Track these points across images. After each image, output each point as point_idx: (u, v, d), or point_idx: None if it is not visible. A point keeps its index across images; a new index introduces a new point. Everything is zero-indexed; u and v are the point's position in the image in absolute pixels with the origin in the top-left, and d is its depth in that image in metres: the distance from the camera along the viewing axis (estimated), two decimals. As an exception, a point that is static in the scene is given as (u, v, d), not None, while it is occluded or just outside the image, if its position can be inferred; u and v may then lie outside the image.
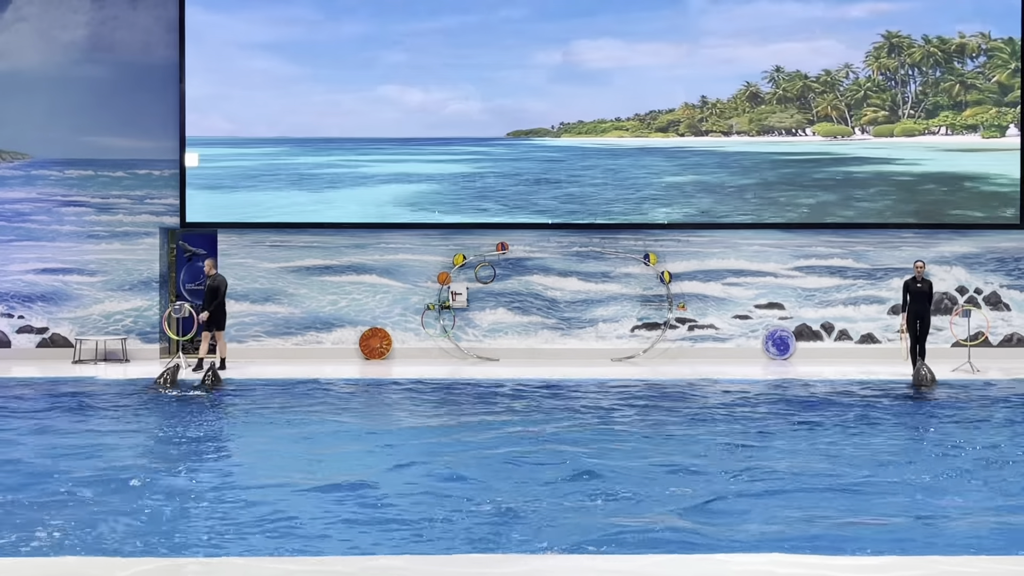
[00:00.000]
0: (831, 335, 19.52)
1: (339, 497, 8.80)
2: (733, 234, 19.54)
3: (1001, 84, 19.37)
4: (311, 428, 12.13)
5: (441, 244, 19.63)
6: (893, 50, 19.46)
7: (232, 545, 7.50)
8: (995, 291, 19.50)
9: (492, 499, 8.70)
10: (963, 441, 11.32)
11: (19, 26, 19.47)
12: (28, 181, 19.59)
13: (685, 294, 19.51)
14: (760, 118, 19.55)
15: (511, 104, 19.66)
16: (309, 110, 19.72)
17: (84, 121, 19.48)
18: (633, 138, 19.63)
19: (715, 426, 12.23)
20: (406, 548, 7.43)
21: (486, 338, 19.57)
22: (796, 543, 7.50)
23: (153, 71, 19.46)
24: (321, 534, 7.77)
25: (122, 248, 19.58)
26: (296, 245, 19.70)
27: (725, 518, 8.17)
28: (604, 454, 10.53)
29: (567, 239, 19.65)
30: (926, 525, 8.02)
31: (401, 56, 19.57)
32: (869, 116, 19.52)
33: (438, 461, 10.22)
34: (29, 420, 12.65)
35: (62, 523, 7.98)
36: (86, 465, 10.05)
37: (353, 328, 19.59)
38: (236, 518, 8.17)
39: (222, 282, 17.25)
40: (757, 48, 19.48)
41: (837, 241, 19.59)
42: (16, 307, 19.42)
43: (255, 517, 8.17)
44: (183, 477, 9.57)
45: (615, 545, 7.45)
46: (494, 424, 12.29)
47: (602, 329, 19.55)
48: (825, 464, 10.12)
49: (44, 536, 7.65)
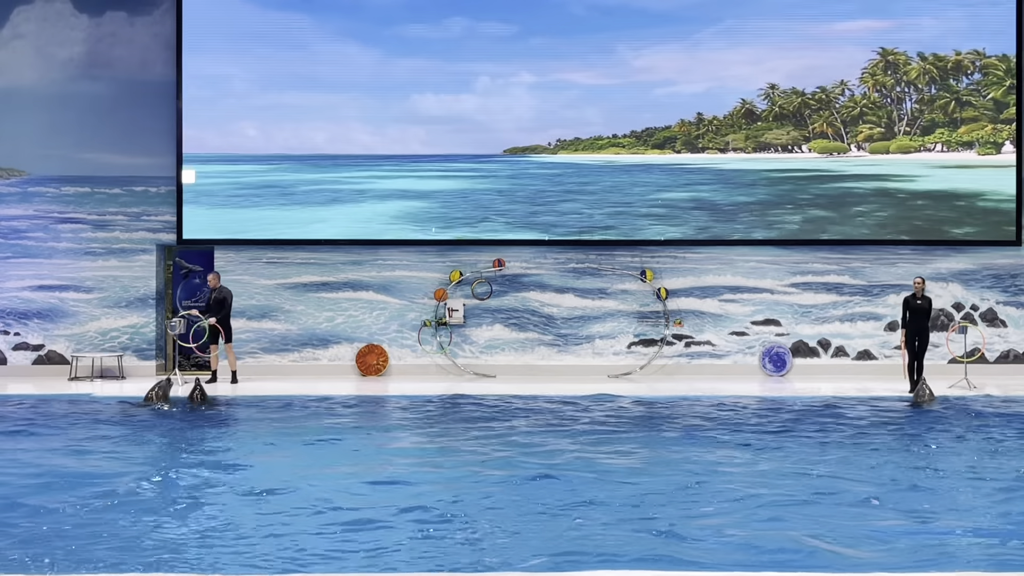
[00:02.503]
0: (828, 351, 19.50)
1: (319, 516, 8.72)
2: (729, 250, 19.55)
3: (996, 101, 19.42)
4: (292, 447, 11.99)
5: (438, 260, 19.63)
6: (889, 67, 19.51)
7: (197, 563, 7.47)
8: (991, 308, 19.50)
9: (465, 518, 8.64)
10: (971, 460, 11.30)
11: (16, 43, 19.52)
12: (25, 198, 19.60)
13: (682, 310, 19.51)
14: (756, 135, 19.58)
15: (508, 121, 19.70)
16: (306, 127, 19.75)
17: (81, 138, 19.51)
18: (630, 155, 19.66)
19: (705, 442, 12.20)
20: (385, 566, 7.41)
21: (483, 354, 19.55)
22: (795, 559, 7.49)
23: (150, 88, 19.50)
24: (290, 556, 7.68)
25: (119, 265, 19.58)
26: (293, 262, 19.70)
27: (712, 539, 8.15)
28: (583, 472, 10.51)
29: (564, 255, 19.66)
30: (925, 545, 8.00)
31: (398, 73, 19.59)
32: (865, 133, 19.55)
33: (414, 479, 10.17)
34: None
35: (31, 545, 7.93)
36: (54, 483, 9.97)
37: (350, 345, 19.57)
38: (206, 537, 8.12)
39: (228, 294, 17.35)
40: (753, 65, 19.53)
41: (833, 257, 19.60)
42: (12, 324, 19.40)
43: (221, 536, 8.12)
44: (151, 492, 9.53)
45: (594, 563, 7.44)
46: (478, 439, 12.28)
47: (599, 345, 19.54)
48: (823, 482, 10.10)
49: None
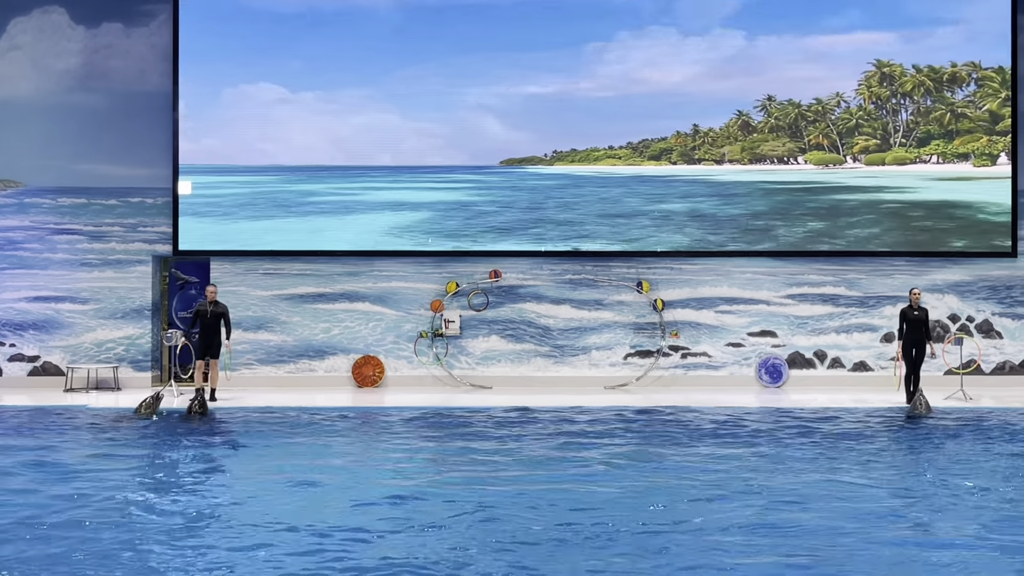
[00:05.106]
0: (824, 363, 19.52)
1: (301, 533, 8.70)
2: (726, 262, 19.58)
3: (992, 113, 19.47)
4: (285, 462, 11.92)
5: (434, 272, 19.63)
6: (884, 79, 19.56)
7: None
8: (987, 319, 19.54)
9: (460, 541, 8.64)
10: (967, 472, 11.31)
11: (13, 54, 19.51)
12: (21, 209, 19.58)
13: (678, 322, 19.52)
14: (752, 146, 19.62)
15: (504, 132, 19.72)
16: (302, 138, 19.76)
17: (78, 149, 19.50)
18: (626, 166, 19.68)
19: (704, 454, 12.21)
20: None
21: (479, 366, 19.54)
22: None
23: (147, 99, 19.50)
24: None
25: (115, 276, 19.56)
26: (289, 273, 19.69)
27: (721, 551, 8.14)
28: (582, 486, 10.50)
29: (560, 267, 19.67)
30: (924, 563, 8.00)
31: (395, 85, 19.61)
32: (861, 144, 19.59)
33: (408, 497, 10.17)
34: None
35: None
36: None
37: (346, 356, 19.56)
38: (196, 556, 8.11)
39: (226, 309, 17.18)
40: (749, 77, 19.57)
41: (829, 269, 19.63)
42: (8, 335, 19.36)
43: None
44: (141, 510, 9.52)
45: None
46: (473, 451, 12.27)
47: (595, 357, 19.54)
48: (824, 495, 10.10)
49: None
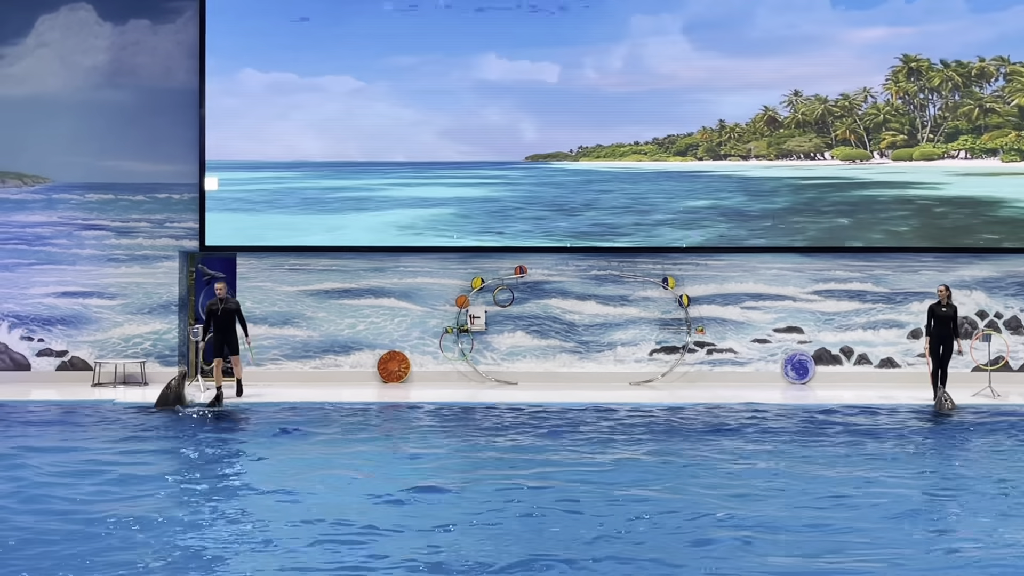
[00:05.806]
0: (850, 359, 19.45)
1: (324, 527, 8.71)
2: (752, 258, 19.52)
3: (1021, 108, 19.34)
4: (305, 458, 11.96)
5: (459, 268, 19.65)
6: (912, 74, 19.46)
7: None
8: (1015, 315, 19.42)
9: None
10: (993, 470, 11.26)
11: (41, 51, 19.61)
12: (49, 205, 19.69)
13: (703, 318, 19.49)
14: (779, 142, 19.55)
15: (530, 127, 19.71)
16: (328, 134, 19.80)
17: (105, 145, 19.59)
18: (651, 162, 19.64)
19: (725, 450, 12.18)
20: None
21: (504, 361, 19.55)
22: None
23: (173, 96, 19.57)
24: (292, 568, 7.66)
25: (142, 272, 19.65)
26: (315, 268, 19.74)
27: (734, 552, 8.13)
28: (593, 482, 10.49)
29: (585, 263, 19.65)
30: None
31: (421, 81, 19.62)
32: (888, 140, 19.50)
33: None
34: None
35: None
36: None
37: (371, 351, 19.59)
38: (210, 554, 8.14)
39: (238, 305, 17.12)
40: (775, 72, 19.50)
41: (856, 265, 19.55)
42: (36, 330, 19.47)
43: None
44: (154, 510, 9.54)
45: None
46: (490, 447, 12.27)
47: (620, 353, 19.52)
48: (852, 491, 10.07)
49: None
